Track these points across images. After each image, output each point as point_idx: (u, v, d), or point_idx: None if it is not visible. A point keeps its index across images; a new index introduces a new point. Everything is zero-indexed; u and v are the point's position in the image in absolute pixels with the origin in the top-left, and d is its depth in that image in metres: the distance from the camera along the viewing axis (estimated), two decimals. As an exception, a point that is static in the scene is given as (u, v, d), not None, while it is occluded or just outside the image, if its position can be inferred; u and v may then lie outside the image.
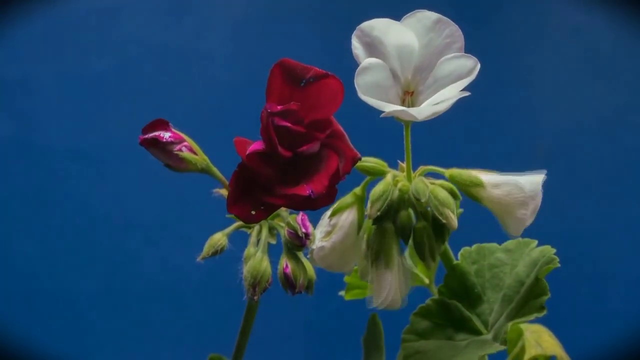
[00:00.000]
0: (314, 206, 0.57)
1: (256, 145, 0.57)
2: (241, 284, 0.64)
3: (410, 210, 0.59)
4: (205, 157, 0.64)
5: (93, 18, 1.40)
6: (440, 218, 0.57)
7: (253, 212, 0.57)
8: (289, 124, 0.56)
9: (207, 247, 0.64)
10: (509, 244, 0.63)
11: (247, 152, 0.57)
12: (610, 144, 1.36)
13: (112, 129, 1.34)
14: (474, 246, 0.63)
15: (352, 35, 0.58)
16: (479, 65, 0.57)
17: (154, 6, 1.40)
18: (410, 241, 0.61)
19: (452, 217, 0.57)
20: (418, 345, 0.60)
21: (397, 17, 0.60)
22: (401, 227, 0.59)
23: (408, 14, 0.59)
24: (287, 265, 0.63)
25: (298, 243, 0.63)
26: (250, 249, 0.64)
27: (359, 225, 0.62)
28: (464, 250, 0.63)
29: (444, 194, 0.58)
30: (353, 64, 0.58)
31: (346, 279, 0.73)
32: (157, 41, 1.39)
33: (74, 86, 1.40)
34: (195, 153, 0.64)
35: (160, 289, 1.37)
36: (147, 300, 1.37)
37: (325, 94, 0.57)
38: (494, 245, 0.63)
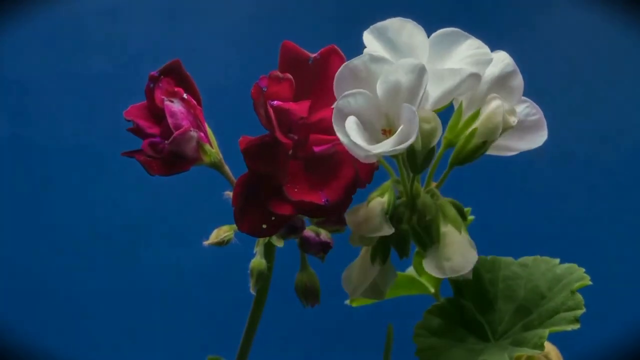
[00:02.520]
0: (327, 215, 0.55)
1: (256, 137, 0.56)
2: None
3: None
4: (219, 151, 0.62)
5: (93, 19, 1.39)
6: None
7: (264, 226, 0.55)
8: (288, 106, 0.55)
9: (214, 236, 0.62)
10: (525, 259, 0.63)
11: (245, 144, 0.55)
12: (611, 145, 1.35)
13: (112, 129, 1.33)
14: (490, 257, 0.63)
15: (365, 33, 0.57)
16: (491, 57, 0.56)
17: (154, 7, 1.39)
18: (416, 249, 0.60)
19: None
20: (430, 341, 0.60)
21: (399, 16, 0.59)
22: (397, 239, 0.58)
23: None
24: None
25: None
26: (257, 259, 0.63)
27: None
28: (481, 257, 0.63)
29: (453, 212, 0.57)
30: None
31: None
32: (157, 42, 1.38)
33: (73, 86, 1.39)
34: (211, 144, 0.61)
35: (161, 289, 1.36)
36: (147, 300, 1.36)
37: (333, 69, 0.56)
38: (510, 259, 0.63)
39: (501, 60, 0.57)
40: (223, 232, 0.62)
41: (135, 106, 0.61)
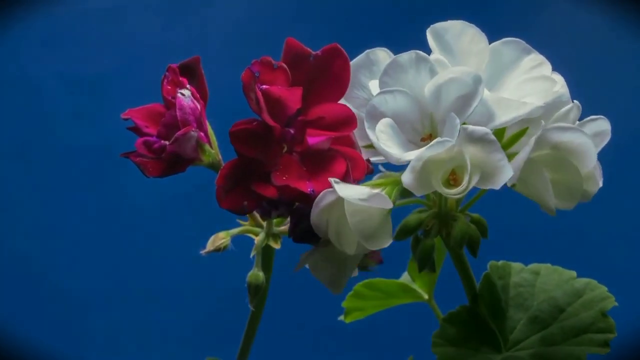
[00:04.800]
0: (310, 203, 0.54)
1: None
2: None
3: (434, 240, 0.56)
4: (219, 152, 0.60)
5: (96, 18, 1.39)
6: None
7: (245, 203, 0.55)
8: (280, 93, 0.54)
9: (210, 243, 0.62)
10: (537, 267, 0.62)
11: (233, 127, 0.54)
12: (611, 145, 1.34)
13: (115, 129, 1.32)
14: (501, 262, 0.61)
15: (427, 31, 0.55)
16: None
17: (157, 6, 1.38)
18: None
19: None
20: (448, 350, 0.59)
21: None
22: (420, 254, 0.55)
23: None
24: None
25: None
26: (254, 272, 0.63)
27: None
28: (492, 263, 0.62)
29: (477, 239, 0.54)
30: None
31: (344, 304, 0.73)
32: (160, 41, 1.37)
33: (76, 86, 1.38)
34: (210, 144, 0.60)
35: (162, 288, 1.35)
36: (149, 299, 1.35)
37: (335, 66, 0.56)
38: (520, 265, 0.62)
39: (559, 86, 0.55)
40: (219, 240, 0.62)
41: (132, 109, 0.60)
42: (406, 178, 0.50)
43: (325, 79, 0.56)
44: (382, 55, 0.56)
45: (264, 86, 0.54)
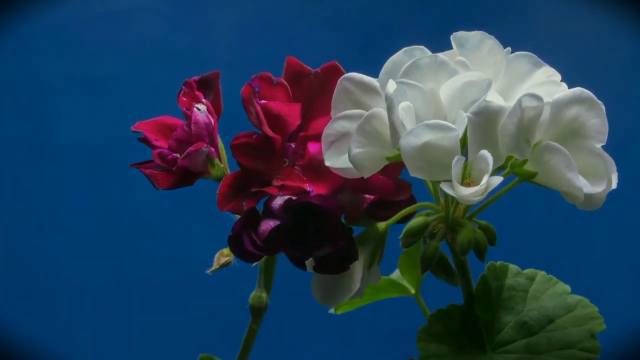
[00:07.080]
0: (308, 199, 0.55)
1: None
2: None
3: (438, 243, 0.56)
4: (227, 166, 0.61)
5: (104, 21, 1.40)
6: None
7: (244, 203, 0.56)
8: (279, 108, 0.55)
9: (216, 262, 0.63)
10: (532, 272, 0.62)
11: (234, 140, 0.55)
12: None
13: (120, 129, 1.33)
14: (499, 263, 0.62)
15: (451, 38, 0.56)
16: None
17: (163, 10, 1.39)
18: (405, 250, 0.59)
19: None
20: (432, 347, 0.59)
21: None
22: (423, 256, 0.56)
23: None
24: None
25: None
26: (256, 294, 0.64)
27: None
28: (491, 264, 0.62)
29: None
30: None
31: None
32: (166, 44, 1.38)
33: (83, 87, 1.39)
34: (220, 159, 0.60)
35: (163, 287, 1.35)
36: (151, 298, 1.36)
37: (333, 84, 0.57)
38: (517, 268, 0.62)
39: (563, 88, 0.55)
40: (224, 257, 0.63)
41: (142, 122, 0.61)
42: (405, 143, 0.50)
43: (325, 96, 0.57)
44: (418, 54, 0.56)
45: (263, 101, 0.55)
